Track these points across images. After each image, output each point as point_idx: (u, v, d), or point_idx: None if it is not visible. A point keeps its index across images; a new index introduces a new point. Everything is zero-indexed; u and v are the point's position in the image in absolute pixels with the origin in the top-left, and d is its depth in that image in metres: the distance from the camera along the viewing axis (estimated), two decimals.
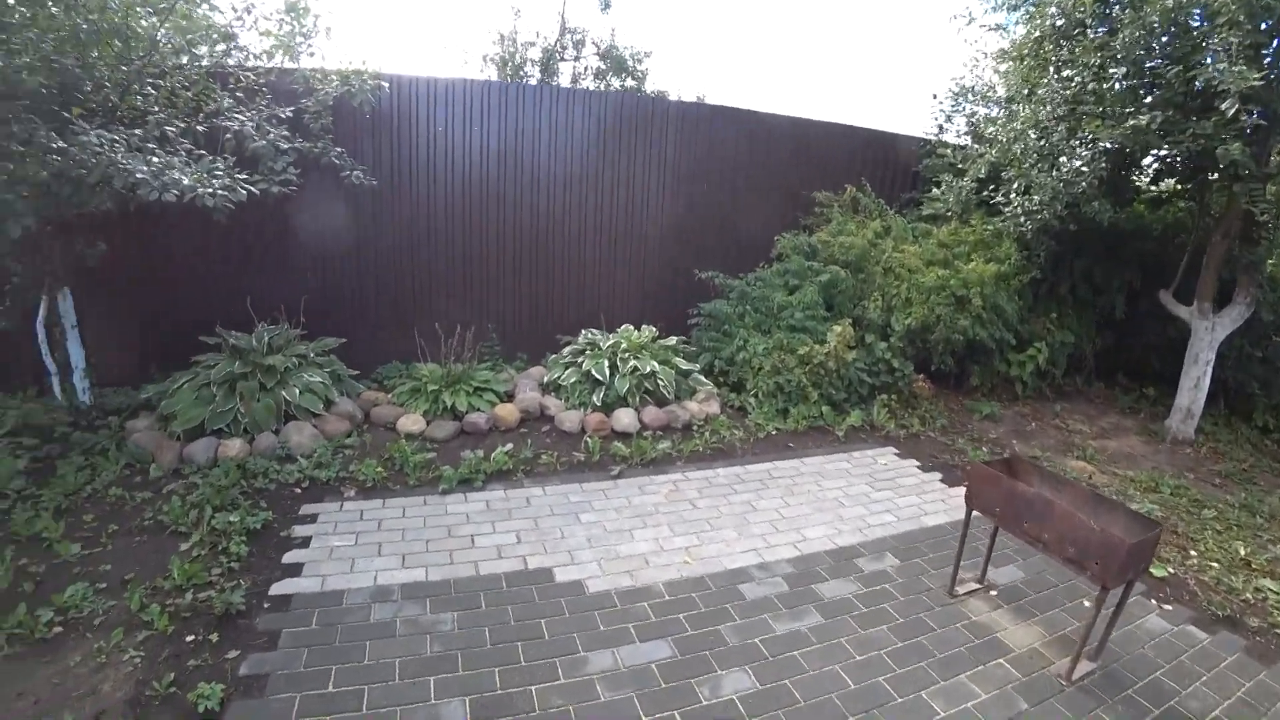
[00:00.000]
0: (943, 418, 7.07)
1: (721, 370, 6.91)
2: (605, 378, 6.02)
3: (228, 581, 3.74)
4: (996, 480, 3.57)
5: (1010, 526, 3.53)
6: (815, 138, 8.16)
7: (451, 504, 4.72)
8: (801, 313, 6.76)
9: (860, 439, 6.37)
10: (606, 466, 5.33)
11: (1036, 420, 7.63)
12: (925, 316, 6.94)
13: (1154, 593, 4.28)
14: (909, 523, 4.85)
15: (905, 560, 4.34)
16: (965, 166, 8.25)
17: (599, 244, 7.50)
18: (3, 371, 5.82)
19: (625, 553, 4.18)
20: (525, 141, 6.98)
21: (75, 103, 4.81)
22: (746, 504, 4.91)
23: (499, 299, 7.32)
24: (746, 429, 6.18)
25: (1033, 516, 3.39)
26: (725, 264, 7.80)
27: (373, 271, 6.84)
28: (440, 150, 6.74)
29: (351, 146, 6.30)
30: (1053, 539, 3.29)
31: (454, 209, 6.92)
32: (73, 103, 4.80)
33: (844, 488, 5.31)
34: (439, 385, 6.01)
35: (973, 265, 7.25)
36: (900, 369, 7.04)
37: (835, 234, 7.61)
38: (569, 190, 7.25)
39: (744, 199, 7.97)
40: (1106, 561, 3.05)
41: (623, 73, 16.18)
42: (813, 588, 3.94)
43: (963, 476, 5.71)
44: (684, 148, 7.55)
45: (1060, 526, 3.25)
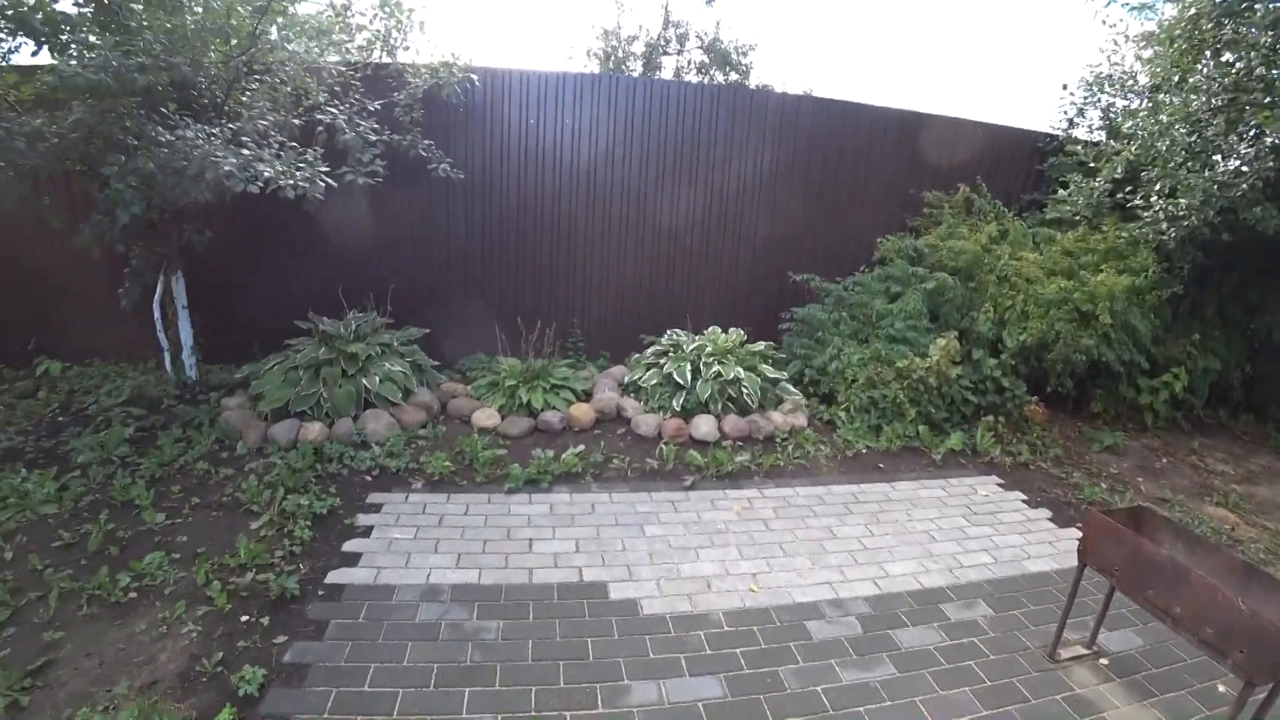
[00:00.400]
0: (1057, 446, 6.39)
1: (812, 380, 6.48)
2: (686, 382, 5.75)
3: (287, 565, 3.82)
4: (1119, 535, 3.06)
5: (1132, 592, 3.02)
6: (926, 132, 7.55)
7: (515, 504, 4.59)
8: (902, 322, 6.25)
9: (959, 464, 5.83)
10: (680, 476, 5.07)
11: (1168, 456, 6.80)
12: (1043, 332, 6.28)
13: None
14: (1008, 566, 4.33)
15: (1000, 611, 3.86)
16: (1099, 165, 7.45)
17: (689, 241, 7.21)
18: (126, 347, 6.44)
19: (687, 573, 3.90)
20: (616, 135, 6.80)
21: (188, 100, 5.09)
22: (825, 529, 4.52)
23: (584, 294, 7.18)
24: (834, 445, 5.76)
25: (1162, 584, 2.88)
26: (822, 266, 7.35)
27: (460, 263, 6.88)
28: (531, 144, 6.66)
29: (443, 140, 6.35)
30: (1186, 614, 2.78)
31: (543, 203, 6.84)
32: (187, 100, 5.09)
33: (936, 519, 4.83)
34: (516, 381, 5.91)
35: (1102, 277, 6.50)
36: (1010, 389, 6.41)
37: (944, 237, 7.01)
38: (660, 185, 7.00)
39: (845, 197, 7.47)
40: (1256, 652, 2.54)
41: (726, 66, 15.86)
42: (890, 633, 3.54)
43: (1076, 521, 5.12)
44: (782, 142, 7.14)
45: (1197, 601, 2.73)
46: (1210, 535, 5.09)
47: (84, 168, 4.87)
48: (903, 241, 7.12)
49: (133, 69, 4.25)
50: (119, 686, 2.94)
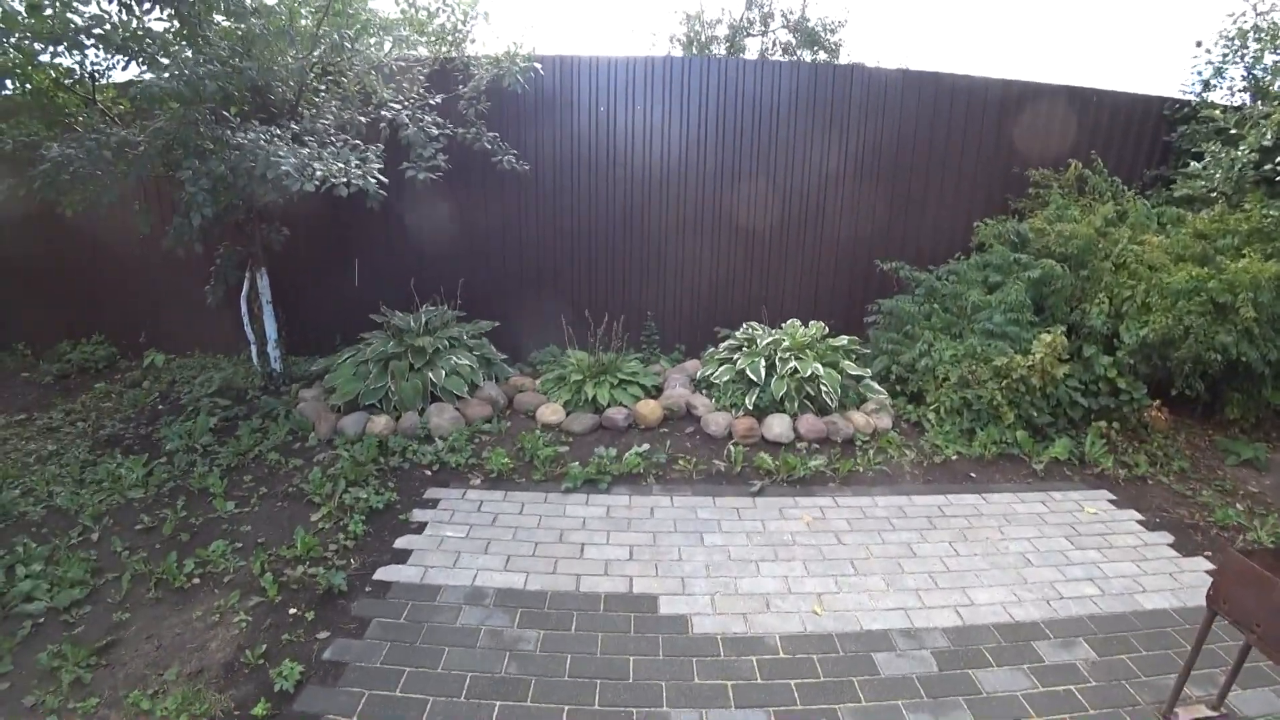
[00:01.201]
0: (1182, 459, 5.65)
1: (899, 378, 5.97)
2: (760, 378, 5.39)
3: (339, 559, 3.86)
4: (1264, 583, 2.55)
5: (1277, 655, 2.52)
6: (1030, 103, 6.79)
7: (571, 505, 4.42)
8: (1002, 315, 5.65)
9: (1064, 476, 5.23)
10: (748, 480, 4.75)
11: None
12: (1169, 327, 5.52)
13: None
14: (1117, 600, 3.79)
15: (1105, 654, 3.36)
16: (1242, 131, 6.52)
17: (767, 229, 6.81)
18: (223, 340, 6.82)
19: (746, 589, 3.61)
20: (690, 119, 6.50)
21: (266, 104, 5.25)
22: (904, 546, 4.11)
23: (659, 286, 6.94)
24: (920, 450, 5.28)
25: None
26: (913, 254, 6.80)
27: (532, 255, 6.81)
28: (601, 133, 6.48)
29: (511, 132, 6.31)
30: None
31: (614, 193, 6.65)
32: (264, 104, 5.24)
33: (1034, 539, 4.31)
34: (583, 376, 5.74)
35: (1245, 263, 5.65)
36: (1128, 390, 5.71)
37: (1053, 220, 6.31)
38: (737, 170, 6.64)
39: (939, 178, 6.85)
40: None
41: (814, 45, 15.18)
42: (970, 673, 3.13)
43: (1204, 549, 4.48)
44: (869, 119, 6.60)
45: None
46: None
47: (169, 173, 5.06)
48: (1004, 225, 6.46)
49: (203, 76, 4.36)
50: (169, 672, 3.04)
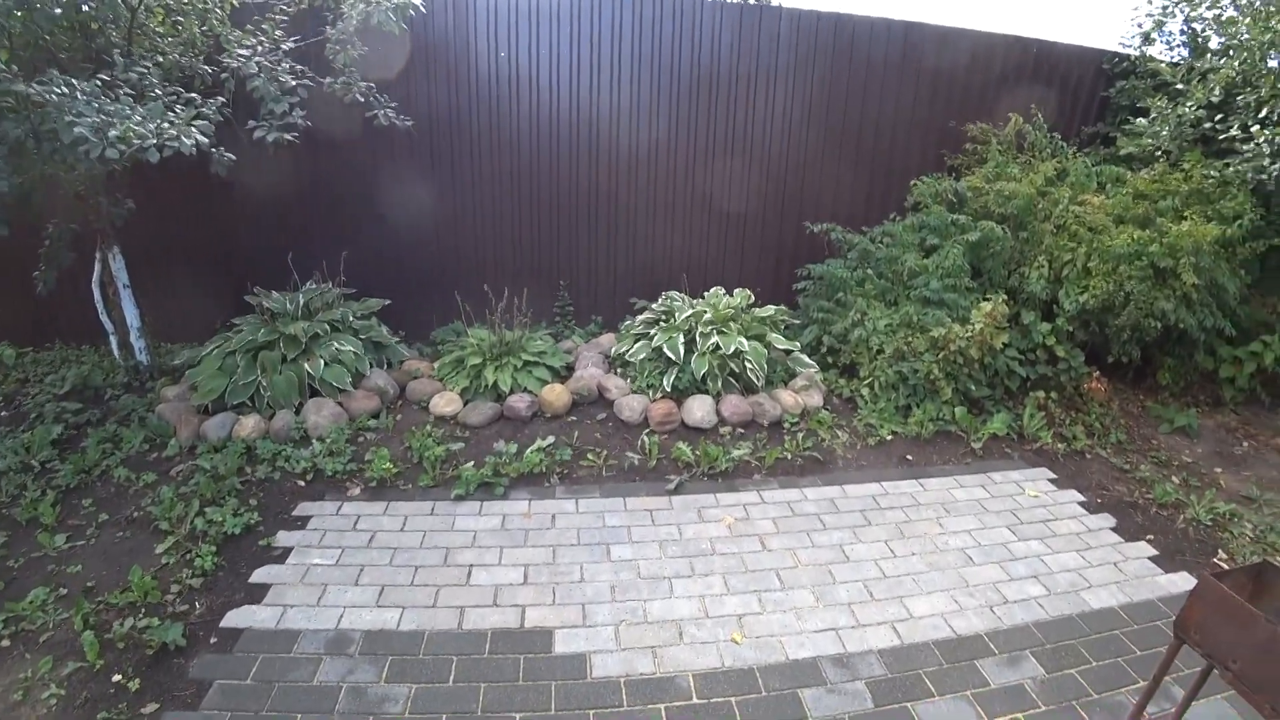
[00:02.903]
0: (1119, 429, 5.42)
1: (831, 349, 5.52)
2: (679, 356, 4.85)
3: (181, 604, 3.20)
4: (1243, 617, 2.17)
5: (1254, 697, 2.16)
6: (967, 52, 6.30)
7: (462, 516, 3.83)
8: (939, 281, 5.24)
9: (1003, 453, 4.91)
10: (664, 475, 4.23)
11: (1250, 438, 5.80)
12: (1109, 292, 5.23)
13: None
14: (1064, 600, 3.47)
15: (1054, 671, 3.01)
16: (1192, 88, 6.21)
17: (691, 186, 6.19)
18: (83, 330, 5.79)
19: (656, 615, 3.11)
20: (603, 64, 5.76)
21: (93, 51, 4.34)
22: (836, 549, 3.68)
23: (570, 249, 6.25)
24: (854, 431, 4.87)
25: None
26: (846, 214, 6.30)
27: (430, 221, 6.02)
28: (504, 80, 5.70)
29: (396, 82, 5.48)
30: None
31: (519, 148, 5.89)
32: (91, 50, 4.32)
33: (975, 532, 3.95)
34: (483, 358, 5.08)
35: (1185, 226, 5.38)
36: (1067, 358, 5.43)
37: (991, 179, 5.91)
38: (657, 122, 5.97)
39: (870, 132, 6.34)
40: None
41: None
42: (909, 708, 2.72)
43: (1147, 532, 4.22)
44: (798, 68, 5.99)
45: None
46: None
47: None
48: (940, 184, 6.02)
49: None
50: None
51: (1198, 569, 3.76)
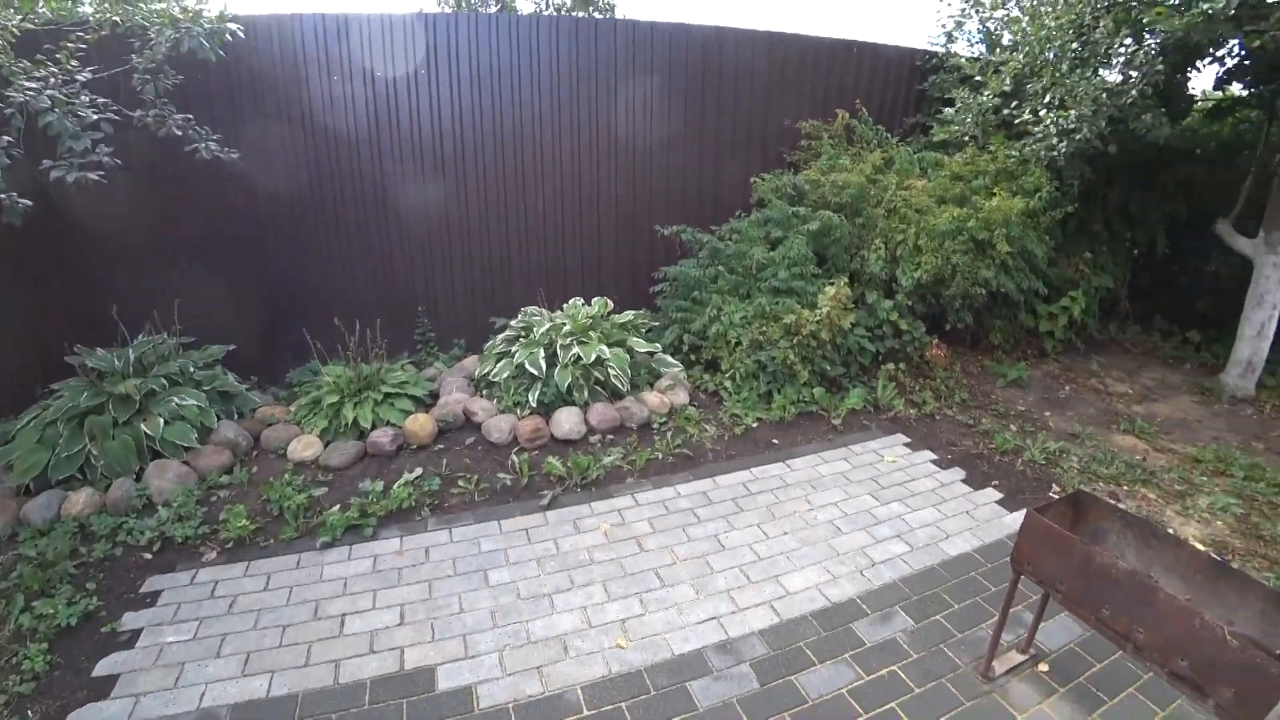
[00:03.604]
0: (962, 389, 5.88)
1: (693, 346, 5.67)
2: (541, 371, 4.82)
3: (11, 717, 2.77)
4: (1063, 544, 2.40)
5: (1081, 610, 2.38)
6: (797, 55, 6.69)
7: (330, 564, 3.61)
8: (786, 270, 5.49)
9: (862, 425, 5.20)
10: (537, 492, 4.17)
11: (1070, 382, 6.44)
12: (939, 267, 5.68)
13: None
14: (925, 554, 3.71)
15: (922, 620, 3.22)
16: (985, 79, 6.88)
17: (544, 202, 6.16)
18: None
19: (539, 634, 3.06)
20: (441, 84, 5.63)
21: None
22: (712, 539, 3.76)
23: (425, 275, 6.08)
24: (720, 423, 5.00)
25: (1118, 604, 2.24)
26: (696, 216, 6.50)
27: (278, 258, 5.68)
28: (341, 105, 5.46)
29: (220, 112, 5.14)
30: (1152, 643, 2.15)
31: (364, 176, 5.66)
32: None
33: (841, 503, 4.16)
34: (341, 395, 4.84)
35: (995, 201, 5.93)
36: (909, 331, 5.83)
37: (826, 171, 6.28)
38: (504, 142, 5.91)
39: (716, 134, 6.57)
40: (1248, 695, 1.92)
41: (588, 5, 14.69)
42: (793, 680, 2.82)
43: (992, 479, 4.58)
44: (642, 76, 6.13)
45: (1167, 627, 2.10)
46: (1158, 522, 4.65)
47: None
48: (780, 179, 6.34)
49: None
50: None
51: (1036, 505, 4.11)
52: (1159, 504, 4.39)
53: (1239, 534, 4.12)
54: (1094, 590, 2.30)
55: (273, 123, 5.35)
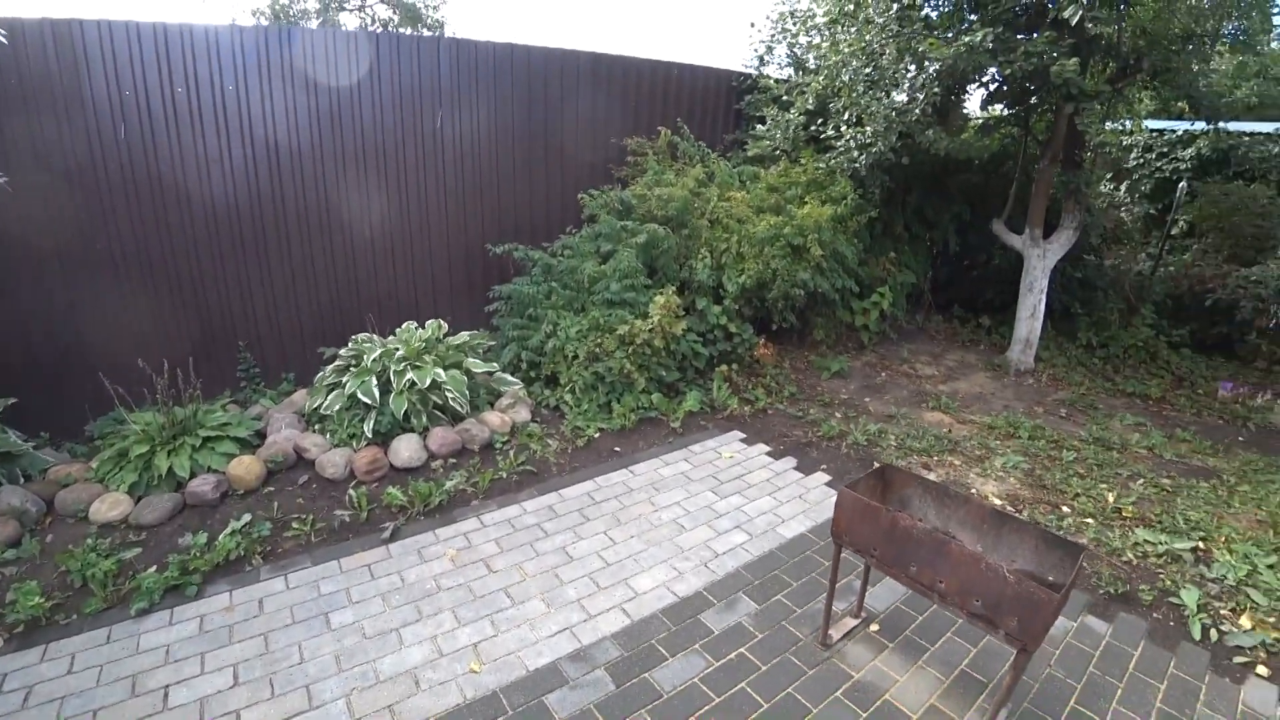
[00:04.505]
0: (791, 384, 6.28)
1: (531, 363, 5.67)
2: (375, 399, 4.64)
3: None
4: (872, 513, 2.64)
5: (893, 570, 2.63)
6: (622, 76, 6.95)
7: (149, 632, 3.24)
8: (618, 283, 5.63)
9: (700, 426, 5.42)
10: (379, 524, 4.00)
11: (885, 369, 7.05)
12: (760, 272, 6.06)
13: None
14: (764, 539, 3.93)
15: (764, 601, 3.41)
16: (791, 98, 7.48)
17: (373, 224, 5.95)
18: None
19: (388, 671, 2.93)
20: (261, 104, 5.30)
21: None
22: (560, 551, 3.78)
23: (245, 306, 5.68)
24: (563, 436, 5.03)
25: (922, 560, 2.49)
26: (528, 234, 6.54)
27: (60, 295, 5.04)
28: (136, 118, 4.96)
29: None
30: (951, 589, 2.41)
31: (164, 198, 5.17)
32: None
33: (683, 501, 4.31)
34: (152, 443, 4.40)
35: (807, 209, 6.42)
36: (739, 333, 6.15)
37: (651, 185, 6.52)
38: (330, 164, 5.65)
39: (541, 153, 6.65)
40: (1028, 621, 2.19)
41: (417, 23, 14.43)
42: (648, 678, 2.89)
43: (821, 463, 4.92)
44: (471, 96, 6.08)
45: (961, 574, 2.36)
46: (949, 481, 5.15)
47: None
48: (608, 195, 6.51)
49: None
50: None
51: (849, 482, 4.47)
52: (963, 469, 4.91)
53: (1027, 486, 4.69)
54: (901, 551, 2.55)
55: (51, 135, 4.77)
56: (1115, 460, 5.20)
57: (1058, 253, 7.12)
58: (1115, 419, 6.11)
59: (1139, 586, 3.65)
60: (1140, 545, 4.02)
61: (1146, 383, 7.07)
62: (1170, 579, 3.71)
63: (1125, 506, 4.43)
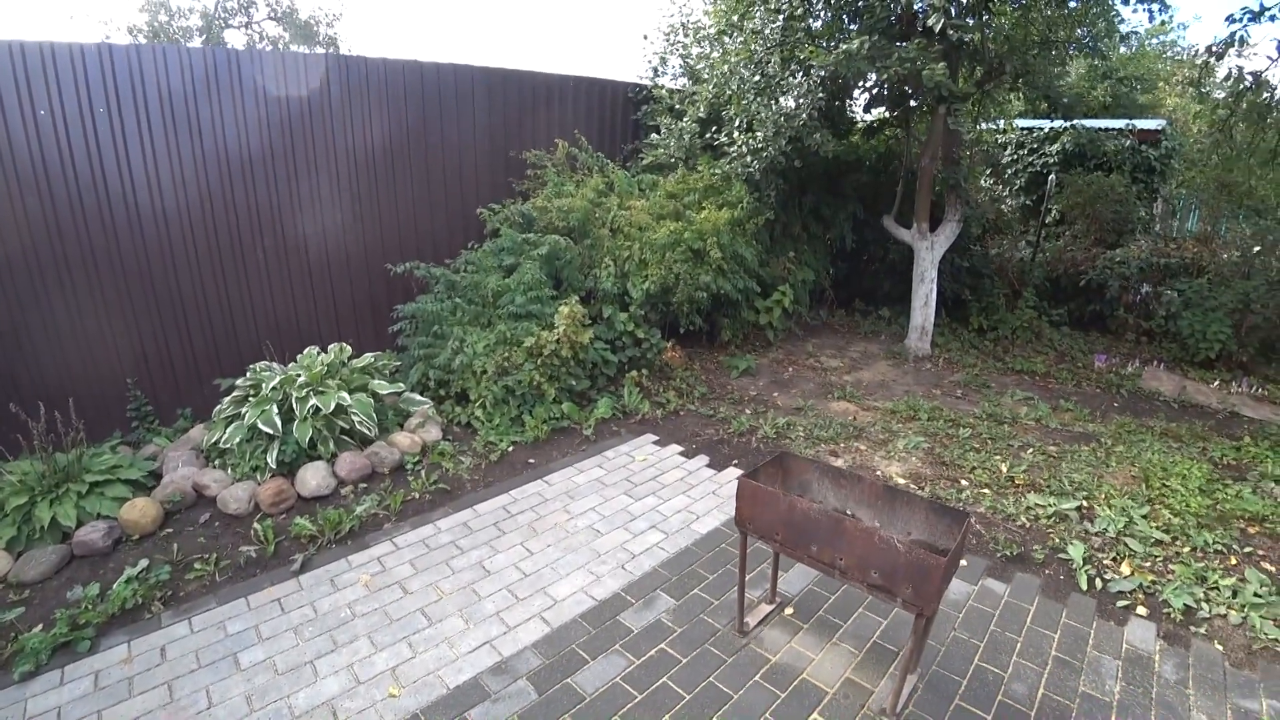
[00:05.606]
0: (701, 384, 6.40)
1: (440, 381, 5.58)
2: (277, 429, 4.47)
3: None
4: (770, 499, 2.73)
5: (795, 552, 2.72)
6: (517, 90, 6.93)
7: (36, 696, 2.99)
8: (523, 296, 5.62)
9: (613, 431, 5.46)
10: (288, 557, 3.85)
11: (792, 364, 7.28)
12: (664, 277, 6.17)
13: None
14: (680, 537, 3.99)
15: (682, 597, 3.46)
16: (684, 108, 7.66)
17: (264, 248, 5.72)
18: None
19: (303, 705, 2.82)
20: (129, 121, 5.00)
21: None
22: (477, 566, 3.73)
23: (131, 340, 5.33)
24: (475, 452, 4.98)
25: (821, 539, 2.59)
26: (430, 252, 6.46)
27: None
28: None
29: None
30: (850, 565, 2.52)
31: (34, 225, 4.82)
32: None
33: (599, 507, 4.33)
34: (31, 493, 4.10)
35: (705, 214, 6.59)
36: (646, 338, 6.24)
37: (552, 197, 6.54)
38: (204, 186, 5.38)
39: (439, 169, 6.57)
40: (921, 586, 2.32)
41: (309, 40, 14.05)
42: (570, 683, 2.89)
43: (733, 459, 5.04)
44: (360, 113, 5.93)
45: (857, 549, 2.47)
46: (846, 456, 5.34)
47: None
48: (509, 208, 6.49)
49: None
50: None
51: (747, 471, 4.60)
52: (869, 453, 5.12)
53: (928, 464, 4.93)
54: (801, 533, 2.65)
55: None
56: (1007, 433, 5.52)
57: (944, 244, 7.53)
58: (1006, 395, 6.48)
59: (1032, 547, 3.91)
60: (1032, 509, 4.30)
61: (1032, 360, 7.53)
62: (1059, 537, 3.98)
63: (1017, 475, 4.72)
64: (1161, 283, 7.90)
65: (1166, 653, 3.13)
